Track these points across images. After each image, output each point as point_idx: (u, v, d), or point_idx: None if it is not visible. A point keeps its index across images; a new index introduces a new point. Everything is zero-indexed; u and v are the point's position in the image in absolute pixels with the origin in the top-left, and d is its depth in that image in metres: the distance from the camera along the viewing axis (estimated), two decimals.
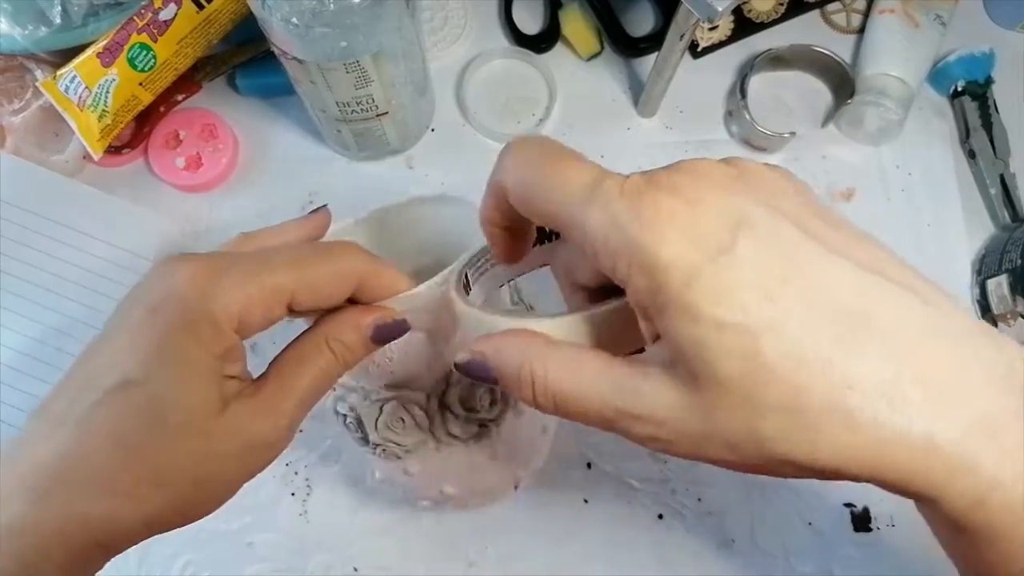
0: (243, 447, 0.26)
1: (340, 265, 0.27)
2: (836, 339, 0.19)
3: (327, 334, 0.28)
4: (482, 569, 0.45)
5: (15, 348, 0.46)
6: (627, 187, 0.21)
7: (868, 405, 0.19)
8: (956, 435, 0.19)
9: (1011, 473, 0.19)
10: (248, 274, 0.26)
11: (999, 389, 0.20)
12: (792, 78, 0.54)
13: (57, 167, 0.49)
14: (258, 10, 0.37)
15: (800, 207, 0.21)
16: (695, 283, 0.19)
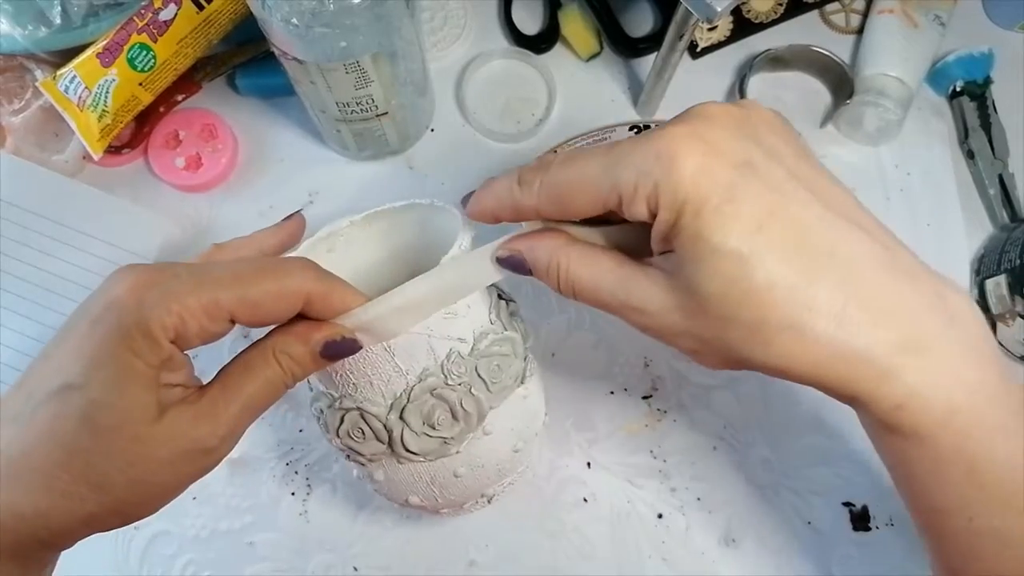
0: (180, 452, 0.26)
1: (284, 284, 0.28)
2: (803, 268, 0.24)
3: (275, 346, 0.29)
4: (482, 568, 0.45)
5: (15, 348, 0.46)
6: (643, 139, 0.25)
7: (819, 324, 0.24)
8: (885, 350, 0.24)
9: (927, 382, 0.24)
10: (186, 288, 0.26)
11: (928, 315, 0.25)
12: (791, 78, 0.54)
13: (57, 167, 0.49)
14: (258, 10, 0.37)
15: (791, 148, 0.26)
16: (703, 213, 0.24)
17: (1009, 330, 0.47)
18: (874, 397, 0.25)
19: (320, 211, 0.51)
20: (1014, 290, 0.46)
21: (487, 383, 0.33)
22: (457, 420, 0.33)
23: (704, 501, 0.46)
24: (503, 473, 0.36)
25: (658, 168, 0.24)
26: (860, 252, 0.25)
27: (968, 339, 0.25)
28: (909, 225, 0.51)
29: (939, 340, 0.25)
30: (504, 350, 0.34)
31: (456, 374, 0.33)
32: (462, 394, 0.33)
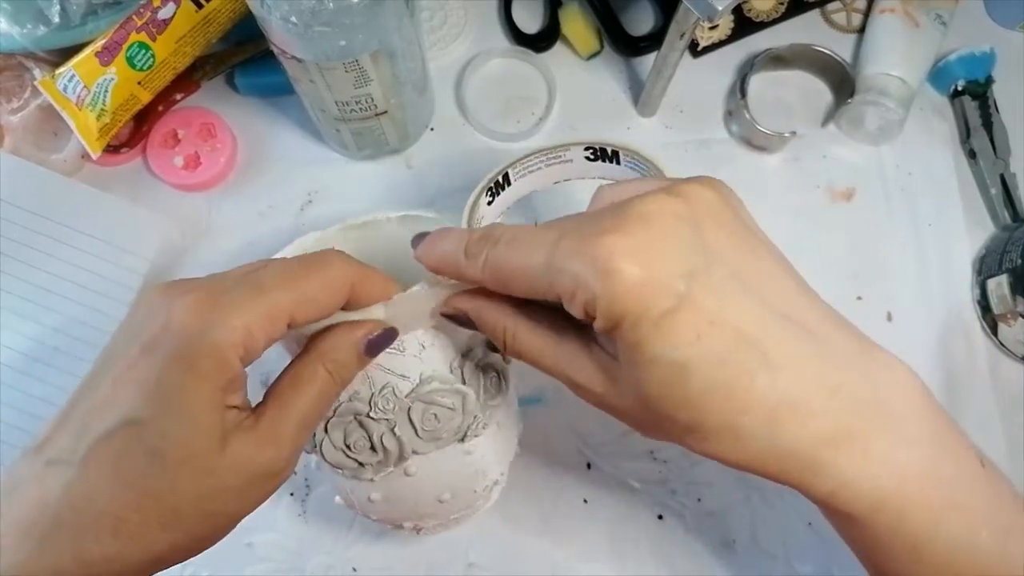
0: (248, 480, 0.26)
1: (332, 274, 0.27)
2: (738, 373, 0.24)
3: (321, 355, 0.28)
4: (482, 570, 0.45)
5: (14, 348, 0.46)
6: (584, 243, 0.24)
7: (752, 425, 0.25)
8: (812, 445, 0.25)
9: (855, 473, 0.25)
10: (246, 299, 0.25)
11: (855, 405, 0.25)
12: (792, 77, 0.54)
13: (55, 166, 0.49)
14: (257, 9, 0.37)
15: (733, 240, 0.26)
16: (642, 326, 0.24)
17: (1010, 330, 0.47)
18: (806, 488, 0.26)
19: (319, 211, 0.51)
20: (1015, 290, 0.46)
21: (416, 428, 0.33)
22: (375, 451, 0.33)
23: (704, 503, 0.46)
24: (423, 516, 0.36)
25: (596, 281, 0.24)
26: (791, 350, 0.25)
27: (899, 421, 0.26)
28: (910, 225, 0.51)
29: (866, 428, 0.25)
30: (447, 402, 0.33)
31: (382, 408, 0.32)
32: (384, 429, 0.33)
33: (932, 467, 0.25)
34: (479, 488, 0.37)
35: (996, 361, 0.49)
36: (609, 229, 0.24)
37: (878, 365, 0.26)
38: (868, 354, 0.27)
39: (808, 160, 0.52)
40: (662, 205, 0.25)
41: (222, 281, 0.26)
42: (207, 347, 0.24)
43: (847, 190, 0.52)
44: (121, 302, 0.47)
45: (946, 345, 0.49)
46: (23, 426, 0.46)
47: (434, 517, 0.37)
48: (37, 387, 0.46)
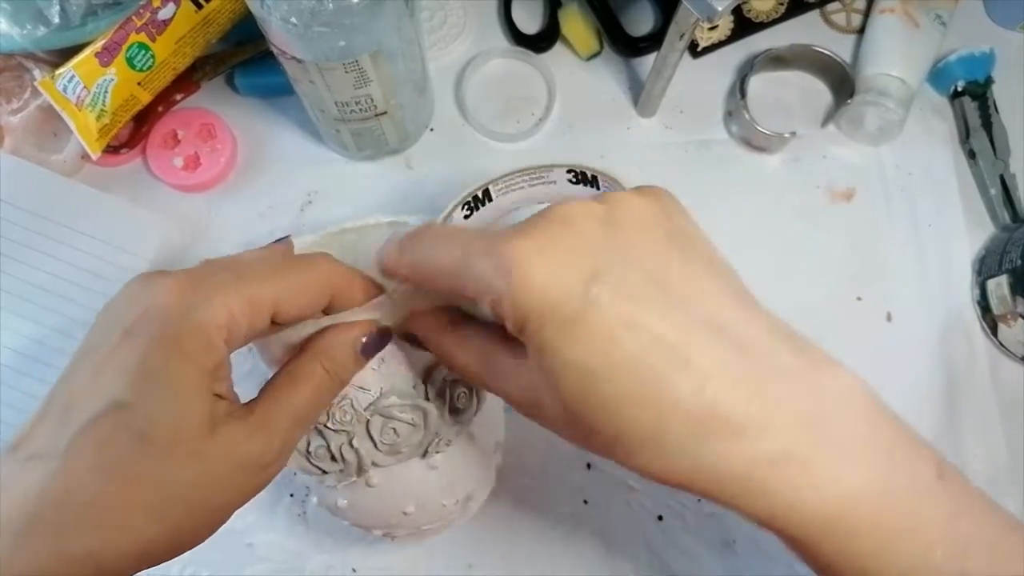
0: (236, 468, 0.25)
1: (317, 273, 0.27)
2: (656, 381, 0.22)
3: (318, 352, 0.28)
4: (481, 570, 0.45)
5: (14, 348, 0.46)
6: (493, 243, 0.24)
7: (677, 439, 0.23)
8: (747, 464, 0.22)
9: (797, 496, 0.22)
10: (230, 284, 0.25)
11: (797, 420, 0.23)
12: (792, 78, 0.54)
13: (55, 167, 0.49)
14: (257, 10, 0.37)
15: (657, 245, 0.24)
16: (547, 328, 0.23)
17: (1010, 330, 0.47)
18: (744, 509, 0.23)
19: (319, 211, 0.51)
20: (1015, 290, 0.46)
21: (375, 442, 0.33)
22: (335, 461, 0.33)
23: (704, 503, 0.45)
24: (391, 525, 0.36)
25: (500, 282, 0.23)
26: (719, 359, 0.23)
27: (846, 437, 0.23)
28: (910, 225, 0.51)
29: (810, 446, 0.23)
30: (407, 417, 0.33)
31: (339, 420, 0.32)
32: (342, 440, 0.33)
33: (882, 486, 0.23)
34: (448, 502, 0.36)
35: (996, 362, 0.49)
36: (520, 230, 0.24)
37: (822, 376, 0.24)
38: (812, 365, 0.24)
39: (808, 160, 0.52)
40: (581, 209, 0.24)
41: (208, 267, 0.26)
42: (192, 326, 0.24)
43: (847, 190, 0.52)
44: None
45: (946, 346, 0.49)
46: None
47: (401, 527, 0.36)
48: (37, 387, 0.46)
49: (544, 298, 0.23)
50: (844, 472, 0.23)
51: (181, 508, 0.24)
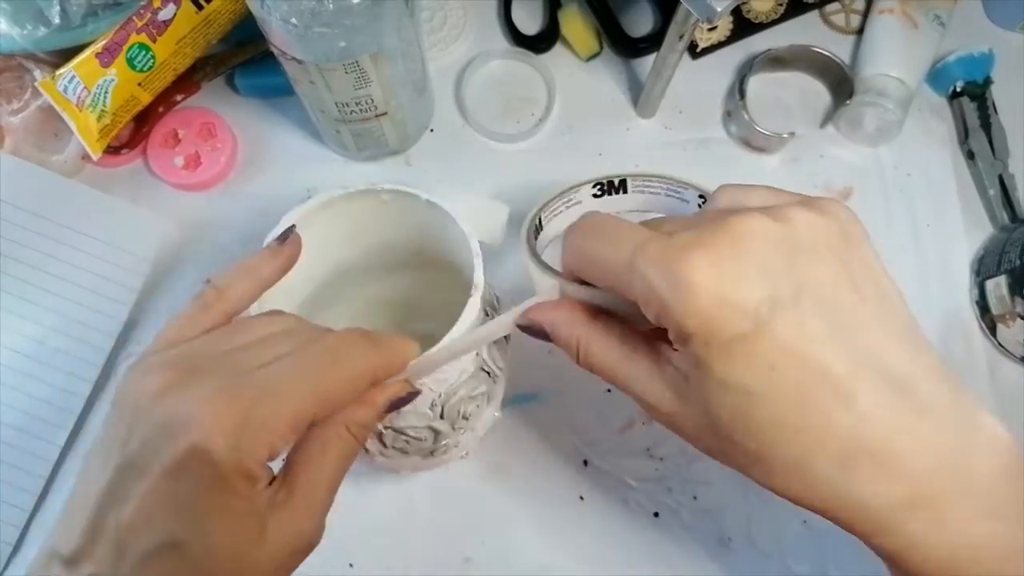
0: (289, 556, 0.26)
1: (353, 370, 0.27)
2: (814, 412, 0.23)
3: (347, 420, 0.28)
4: (478, 566, 0.45)
5: (13, 348, 0.46)
6: (667, 252, 0.23)
7: (823, 468, 0.23)
8: (887, 503, 0.23)
9: (928, 539, 0.23)
10: (270, 413, 0.25)
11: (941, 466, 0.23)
12: (791, 78, 0.54)
13: (56, 167, 0.49)
14: (257, 10, 0.37)
15: (834, 270, 0.24)
16: (712, 346, 0.23)
17: (1009, 331, 0.47)
18: (874, 544, 0.25)
19: None
20: (1014, 291, 0.46)
21: (385, 445, 0.35)
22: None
23: (700, 500, 0.46)
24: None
25: (669, 293, 0.23)
26: (879, 399, 0.23)
27: (986, 491, 0.24)
28: (909, 226, 0.51)
29: (949, 494, 0.23)
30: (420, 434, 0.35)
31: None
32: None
33: (1014, 544, 0.24)
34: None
35: (995, 362, 0.49)
36: (695, 242, 0.23)
37: (975, 427, 0.24)
38: (967, 415, 0.24)
39: (807, 161, 0.52)
40: (761, 225, 0.24)
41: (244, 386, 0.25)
42: (238, 471, 0.24)
43: (845, 190, 0.52)
44: (122, 303, 0.47)
45: (945, 346, 0.49)
46: (23, 426, 0.46)
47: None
48: (37, 387, 0.46)
49: (715, 315, 0.23)
50: (978, 525, 0.24)
51: None
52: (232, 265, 0.32)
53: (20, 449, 0.46)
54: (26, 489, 0.46)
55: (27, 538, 0.46)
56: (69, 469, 0.47)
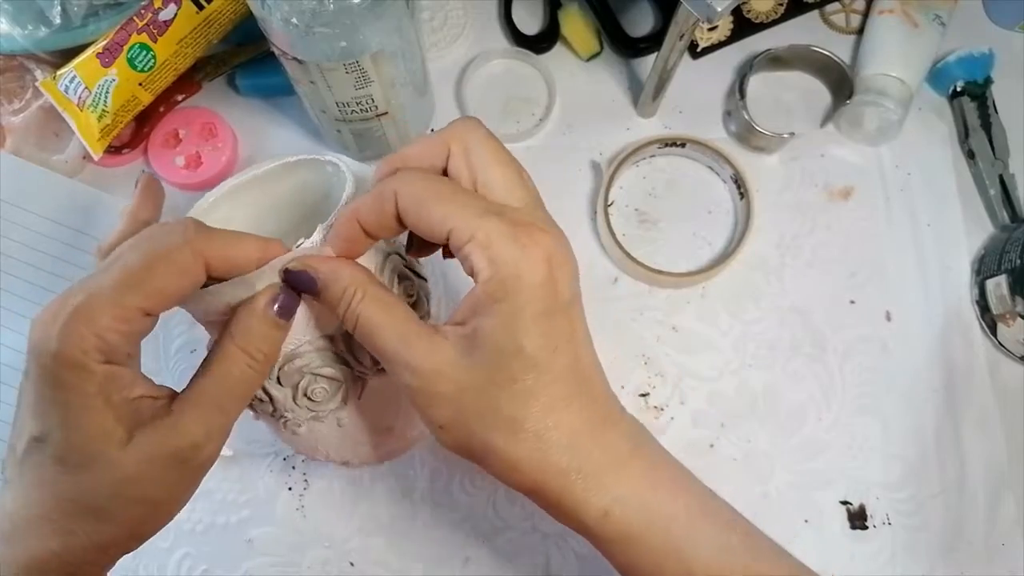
0: (165, 464, 0.27)
1: (177, 263, 0.27)
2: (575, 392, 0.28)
3: (232, 334, 0.28)
4: (478, 565, 0.45)
5: (15, 348, 0.46)
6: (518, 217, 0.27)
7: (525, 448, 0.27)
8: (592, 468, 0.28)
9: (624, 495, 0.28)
10: (86, 307, 0.26)
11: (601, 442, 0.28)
12: (791, 78, 0.54)
13: (57, 167, 0.49)
14: (258, 10, 0.37)
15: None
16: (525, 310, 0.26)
17: (1009, 330, 0.47)
18: (580, 507, 0.28)
19: None
20: (1014, 290, 0.46)
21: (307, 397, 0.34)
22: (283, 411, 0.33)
23: None
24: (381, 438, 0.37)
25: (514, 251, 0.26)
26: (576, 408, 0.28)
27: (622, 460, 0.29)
28: (909, 225, 0.51)
29: (628, 465, 0.28)
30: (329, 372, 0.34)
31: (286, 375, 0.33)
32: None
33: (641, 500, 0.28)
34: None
35: (995, 361, 0.49)
36: (540, 224, 0.27)
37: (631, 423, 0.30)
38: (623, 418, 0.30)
39: (807, 160, 0.53)
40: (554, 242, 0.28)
41: (67, 293, 0.26)
42: (57, 360, 0.25)
43: (845, 190, 0.52)
44: None
45: (945, 345, 0.49)
46: None
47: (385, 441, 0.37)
48: None
49: (542, 287, 0.26)
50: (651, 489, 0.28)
51: (115, 509, 0.27)
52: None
53: None
54: None
55: None
56: None
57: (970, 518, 0.46)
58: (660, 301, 0.49)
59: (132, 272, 0.26)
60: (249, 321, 0.28)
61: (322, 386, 0.33)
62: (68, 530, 0.26)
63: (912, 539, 0.45)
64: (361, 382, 0.34)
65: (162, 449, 0.27)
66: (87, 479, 0.26)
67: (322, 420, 0.34)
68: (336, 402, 0.34)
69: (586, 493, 0.27)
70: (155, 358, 0.48)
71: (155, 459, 0.27)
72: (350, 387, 0.34)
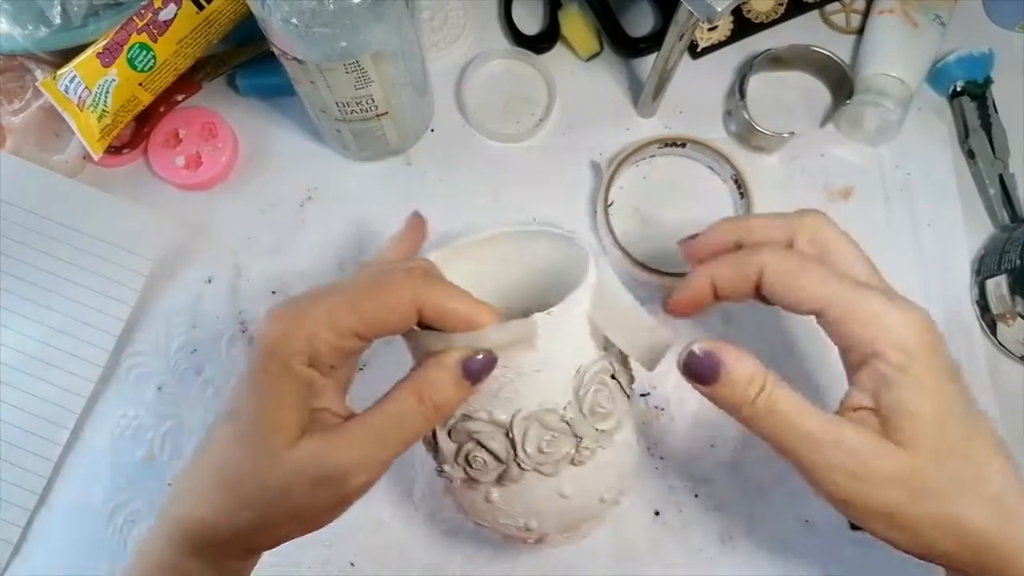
0: (309, 478, 0.28)
1: (394, 298, 0.29)
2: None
3: (412, 379, 0.30)
4: (477, 566, 0.45)
5: (15, 348, 0.46)
6: (889, 291, 0.30)
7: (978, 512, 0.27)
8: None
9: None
10: (310, 317, 0.29)
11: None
12: (791, 78, 0.54)
13: (57, 167, 0.49)
14: (258, 10, 0.37)
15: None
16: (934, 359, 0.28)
17: (1009, 330, 0.47)
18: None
19: (319, 208, 0.51)
20: (1014, 290, 0.46)
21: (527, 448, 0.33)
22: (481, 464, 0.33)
23: (701, 499, 0.46)
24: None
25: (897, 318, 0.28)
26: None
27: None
28: (909, 225, 0.51)
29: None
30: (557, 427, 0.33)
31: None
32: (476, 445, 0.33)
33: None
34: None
35: (995, 361, 0.49)
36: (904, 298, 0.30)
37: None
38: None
39: (807, 160, 0.53)
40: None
41: (300, 299, 0.29)
42: (276, 358, 0.28)
43: (845, 190, 0.52)
44: (123, 302, 0.47)
45: None
46: (23, 426, 0.46)
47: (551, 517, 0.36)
48: (38, 387, 0.46)
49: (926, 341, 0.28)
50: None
51: (262, 504, 0.28)
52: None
53: (22, 448, 0.46)
54: (27, 488, 0.46)
55: (28, 537, 0.46)
56: (70, 468, 0.47)
57: None
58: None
59: (355, 297, 0.29)
60: (435, 372, 0.30)
61: (483, 457, 0.33)
62: (220, 507, 0.29)
63: None
64: (520, 471, 0.33)
65: (315, 464, 0.28)
66: (250, 466, 0.28)
67: (475, 489, 0.35)
68: (490, 477, 0.34)
69: None
70: (155, 358, 0.48)
71: (306, 472, 0.28)
72: (508, 471, 0.33)
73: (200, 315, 0.49)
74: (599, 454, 0.34)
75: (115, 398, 0.48)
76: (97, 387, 0.47)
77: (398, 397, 0.30)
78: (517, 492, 0.34)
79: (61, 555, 0.45)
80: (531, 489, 0.33)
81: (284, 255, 0.50)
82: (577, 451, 0.33)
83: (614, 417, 0.33)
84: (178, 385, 0.48)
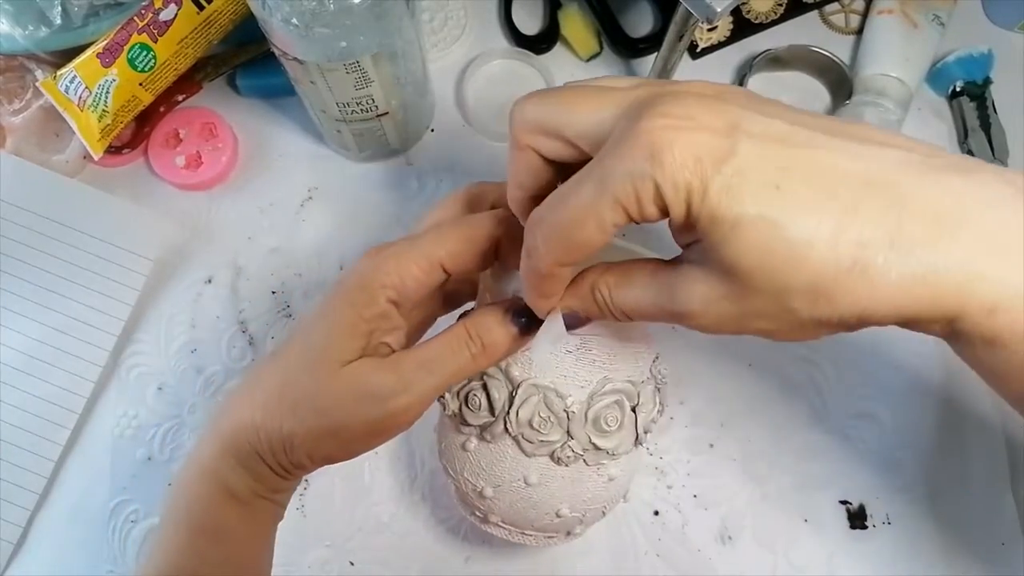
0: (360, 396, 0.29)
1: (474, 232, 0.30)
2: (841, 209, 0.21)
3: (469, 316, 0.31)
4: (479, 564, 0.45)
5: (15, 348, 0.46)
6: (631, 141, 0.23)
7: (878, 256, 0.21)
8: (958, 258, 0.21)
9: (1016, 280, 0.21)
10: (402, 250, 0.30)
11: (994, 207, 0.22)
12: (790, 78, 0.54)
13: (57, 167, 0.49)
14: (258, 11, 0.37)
15: (781, 106, 0.24)
16: (710, 193, 0.22)
17: None
18: (964, 311, 0.22)
19: (320, 208, 0.51)
20: None
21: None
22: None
23: (700, 498, 0.46)
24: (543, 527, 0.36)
25: (650, 167, 0.22)
26: (896, 169, 0.22)
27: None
28: None
29: (1018, 230, 0.22)
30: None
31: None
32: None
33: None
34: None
35: None
36: (642, 119, 0.22)
37: (1007, 170, 0.24)
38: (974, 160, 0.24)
39: None
40: (692, 83, 0.25)
41: (402, 239, 0.31)
42: (362, 284, 0.30)
43: None
44: (124, 302, 0.47)
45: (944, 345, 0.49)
46: (24, 426, 0.46)
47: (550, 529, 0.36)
48: (38, 386, 0.46)
49: (697, 164, 0.22)
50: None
51: (310, 414, 0.30)
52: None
53: (22, 448, 0.46)
54: (28, 487, 0.46)
55: (28, 537, 0.46)
56: (71, 468, 0.47)
57: (970, 518, 0.46)
58: None
59: (443, 230, 0.30)
60: (489, 315, 0.31)
61: (480, 399, 0.34)
62: (273, 412, 0.30)
63: (912, 539, 0.45)
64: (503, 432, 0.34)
65: (365, 381, 0.29)
66: (303, 377, 0.30)
67: (459, 431, 0.35)
68: (477, 423, 0.34)
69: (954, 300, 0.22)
70: (156, 358, 0.48)
71: (351, 387, 0.29)
72: (494, 426, 0.33)
73: (200, 315, 0.49)
74: (580, 466, 0.34)
75: (115, 398, 0.48)
76: (97, 387, 0.47)
77: (451, 331, 0.31)
78: (491, 453, 0.34)
79: (61, 555, 0.46)
80: (503, 456, 0.34)
81: (284, 255, 0.50)
82: (561, 448, 0.33)
83: (612, 441, 0.33)
84: (178, 385, 0.48)
